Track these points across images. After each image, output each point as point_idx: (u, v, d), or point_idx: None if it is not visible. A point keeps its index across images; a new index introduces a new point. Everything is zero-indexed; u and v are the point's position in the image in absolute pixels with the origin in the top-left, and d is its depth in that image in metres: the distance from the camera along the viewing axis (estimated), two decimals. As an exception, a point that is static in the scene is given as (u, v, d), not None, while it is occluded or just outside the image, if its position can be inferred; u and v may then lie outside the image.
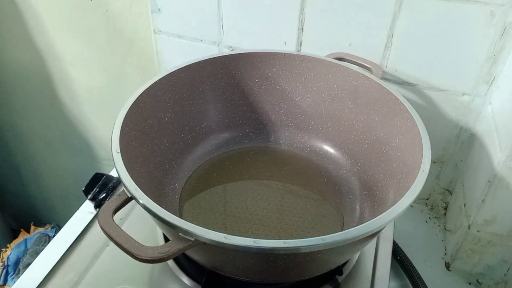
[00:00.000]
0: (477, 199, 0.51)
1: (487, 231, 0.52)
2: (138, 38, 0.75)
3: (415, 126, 0.45)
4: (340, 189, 0.56)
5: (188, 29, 0.67)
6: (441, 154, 0.63)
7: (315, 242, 0.33)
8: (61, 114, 0.96)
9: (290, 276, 0.42)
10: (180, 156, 0.56)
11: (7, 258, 1.10)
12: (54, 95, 0.93)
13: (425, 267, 0.57)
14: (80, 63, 0.85)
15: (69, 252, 0.51)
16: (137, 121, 0.48)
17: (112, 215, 0.36)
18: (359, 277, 0.48)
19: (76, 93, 0.90)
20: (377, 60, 0.58)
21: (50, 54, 0.86)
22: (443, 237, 0.63)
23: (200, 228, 0.34)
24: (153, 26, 0.69)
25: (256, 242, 0.33)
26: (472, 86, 0.56)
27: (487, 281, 0.57)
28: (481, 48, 0.53)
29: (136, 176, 0.39)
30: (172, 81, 0.53)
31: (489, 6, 0.50)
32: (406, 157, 0.47)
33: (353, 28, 0.57)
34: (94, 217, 0.56)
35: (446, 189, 0.66)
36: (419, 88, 0.58)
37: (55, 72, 0.88)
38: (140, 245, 0.34)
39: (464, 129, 0.59)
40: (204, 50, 0.68)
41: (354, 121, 0.56)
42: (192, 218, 0.51)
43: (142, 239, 0.34)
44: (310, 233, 0.50)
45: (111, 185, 0.59)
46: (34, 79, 0.92)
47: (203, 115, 0.58)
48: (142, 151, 0.49)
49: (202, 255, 0.40)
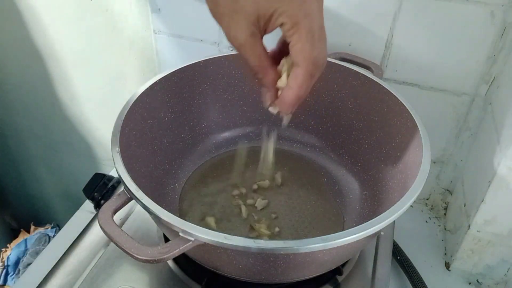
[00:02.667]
0: (477, 199, 0.51)
1: (487, 231, 0.52)
2: (138, 38, 0.75)
3: (415, 126, 0.46)
4: (340, 189, 0.56)
5: (188, 29, 0.67)
6: (441, 154, 0.63)
7: (315, 242, 0.33)
8: (61, 114, 0.95)
9: (290, 276, 0.42)
10: (180, 156, 0.56)
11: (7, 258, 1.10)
12: (54, 95, 0.92)
13: (425, 267, 0.57)
14: (80, 63, 0.85)
15: (69, 252, 0.51)
16: (137, 121, 0.48)
17: (112, 215, 0.37)
18: (359, 277, 0.48)
19: (76, 93, 0.90)
20: (377, 60, 0.58)
21: (50, 54, 0.85)
22: (443, 237, 0.63)
23: (200, 228, 0.34)
24: (153, 26, 0.69)
25: (256, 242, 0.33)
26: (472, 86, 0.56)
27: (487, 281, 0.57)
28: (481, 48, 0.53)
29: (136, 176, 0.39)
30: (172, 81, 0.53)
31: (489, 6, 0.50)
32: (406, 157, 0.47)
33: (353, 28, 0.57)
34: (94, 217, 0.56)
35: (446, 189, 0.66)
36: (419, 88, 0.58)
37: (55, 72, 0.88)
38: (140, 245, 0.34)
39: (464, 129, 0.59)
40: (204, 50, 0.67)
41: (354, 121, 0.56)
42: (192, 218, 0.51)
43: (142, 239, 0.34)
44: (310, 233, 0.50)
45: (111, 185, 0.59)
46: (34, 79, 0.92)
47: (203, 115, 0.58)
48: (142, 151, 0.49)
49: (202, 255, 0.40)
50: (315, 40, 0.33)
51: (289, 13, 0.32)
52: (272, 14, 0.32)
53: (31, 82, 0.93)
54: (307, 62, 0.33)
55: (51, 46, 0.84)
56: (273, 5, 0.32)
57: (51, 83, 0.91)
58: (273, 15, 0.32)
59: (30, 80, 0.93)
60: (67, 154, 1.05)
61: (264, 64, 0.36)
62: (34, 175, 1.17)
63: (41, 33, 0.83)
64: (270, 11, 0.32)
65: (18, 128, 1.06)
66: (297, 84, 0.34)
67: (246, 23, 0.33)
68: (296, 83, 0.34)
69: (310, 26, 0.32)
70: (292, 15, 0.32)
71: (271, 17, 0.32)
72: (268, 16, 0.32)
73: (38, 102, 0.96)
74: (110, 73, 0.83)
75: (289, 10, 0.31)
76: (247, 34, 0.33)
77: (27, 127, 1.05)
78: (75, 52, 0.83)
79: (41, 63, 0.88)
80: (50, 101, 0.94)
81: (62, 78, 0.89)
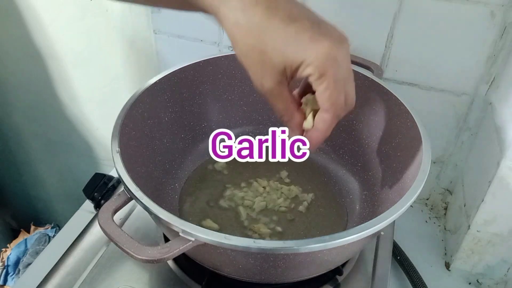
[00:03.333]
0: (477, 199, 0.51)
1: (487, 231, 0.52)
2: (138, 38, 0.75)
3: (415, 126, 0.46)
4: (340, 189, 0.56)
5: (188, 29, 0.67)
6: (441, 154, 0.63)
7: (315, 242, 0.33)
8: (61, 114, 0.95)
9: (290, 276, 0.42)
10: (180, 156, 0.56)
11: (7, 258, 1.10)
12: (54, 95, 0.92)
13: (425, 267, 0.57)
14: (80, 63, 0.85)
15: (69, 252, 0.51)
16: (137, 121, 0.48)
17: (112, 215, 0.37)
18: (359, 277, 0.48)
19: (76, 93, 0.90)
20: (377, 60, 0.58)
21: (50, 54, 0.85)
22: (443, 237, 0.63)
23: (200, 228, 0.34)
24: (153, 26, 0.69)
25: (256, 242, 0.33)
26: (472, 86, 0.56)
27: (487, 281, 0.57)
28: (481, 48, 0.53)
29: (136, 176, 0.39)
30: (172, 81, 0.53)
31: (489, 6, 0.50)
32: (406, 157, 0.47)
33: (353, 28, 0.57)
34: (94, 217, 0.56)
35: (446, 189, 0.66)
36: (419, 88, 0.58)
37: (55, 72, 0.88)
38: (140, 245, 0.34)
39: (464, 129, 0.59)
40: (204, 50, 0.67)
41: (354, 121, 0.56)
42: (192, 218, 0.51)
43: (142, 239, 0.34)
44: (310, 233, 0.50)
45: (111, 185, 0.59)
46: (34, 79, 0.92)
47: (203, 115, 0.58)
48: (142, 151, 0.49)
49: (202, 255, 0.40)
50: (342, 87, 0.33)
51: (315, 64, 0.32)
52: (299, 66, 0.32)
53: (31, 82, 0.93)
54: (334, 107, 0.34)
55: (51, 46, 0.84)
56: (300, 57, 0.32)
57: (51, 83, 0.91)
58: (300, 67, 0.32)
59: (30, 80, 0.93)
60: (67, 154, 1.05)
61: (290, 109, 0.36)
62: (34, 175, 1.17)
63: (41, 33, 0.83)
64: (297, 63, 0.32)
65: (18, 128, 1.06)
66: (325, 128, 0.35)
67: (273, 73, 0.33)
68: (324, 126, 0.35)
69: (337, 75, 0.32)
70: (318, 66, 0.32)
71: (298, 68, 0.32)
72: (295, 68, 0.32)
73: (38, 102, 0.97)
74: (110, 73, 0.83)
75: (315, 62, 0.32)
76: (274, 82, 0.34)
77: (27, 127, 1.05)
78: (75, 52, 0.84)
79: (41, 63, 0.88)
80: (50, 101, 0.94)
81: (62, 78, 0.89)
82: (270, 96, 0.35)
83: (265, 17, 0.32)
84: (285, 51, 0.32)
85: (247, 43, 0.33)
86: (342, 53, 0.32)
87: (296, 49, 0.32)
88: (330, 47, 0.31)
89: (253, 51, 0.33)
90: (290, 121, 0.37)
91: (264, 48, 0.32)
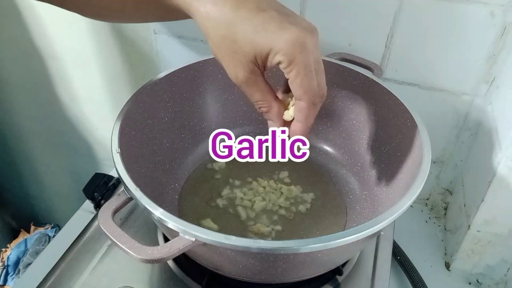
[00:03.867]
0: (477, 199, 0.51)
1: (487, 231, 0.52)
2: (138, 38, 0.75)
3: (415, 126, 0.46)
4: (340, 189, 0.56)
5: (188, 29, 0.67)
6: (441, 154, 0.63)
7: (315, 242, 0.33)
8: (61, 114, 0.95)
9: (290, 276, 0.42)
10: (180, 156, 0.56)
11: (7, 258, 1.10)
12: (54, 95, 0.92)
13: (425, 267, 0.57)
14: (80, 63, 0.85)
15: (69, 252, 0.51)
16: (137, 121, 0.48)
17: (112, 215, 0.37)
18: (359, 277, 0.48)
19: (76, 93, 0.90)
20: (377, 60, 0.58)
21: (50, 54, 0.85)
22: (443, 237, 0.63)
23: (200, 228, 0.34)
24: (153, 26, 0.69)
25: (256, 242, 0.33)
26: (472, 86, 0.56)
27: (487, 281, 0.57)
28: (481, 48, 0.53)
29: (136, 176, 0.39)
30: (172, 81, 0.53)
31: (489, 6, 0.50)
32: (406, 157, 0.47)
33: (353, 28, 0.57)
34: (94, 217, 0.56)
35: (446, 189, 0.66)
36: (419, 88, 0.58)
37: (55, 72, 0.88)
38: (140, 245, 0.34)
39: (464, 129, 0.59)
40: (204, 50, 0.67)
41: (354, 121, 0.56)
42: (192, 218, 0.51)
43: (142, 239, 0.34)
44: (310, 233, 0.50)
45: (111, 185, 0.59)
46: (34, 79, 0.92)
47: (203, 115, 0.58)
48: (142, 151, 0.49)
49: (202, 255, 0.40)
50: (313, 73, 0.34)
51: (284, 52, 0.33)
52: (269, 53, 0.33)
53: (31, 82, 0.93)
54: (307, 95, 0.35)
55: (51, 46, 0.84)
56: (269, 44, 0.33)
57: (51, 83, 0.91)
58: (269, 54, 0.33)
59: (30, 80, 0.93)
60: (67, 154, 1.05)
61: (267, 98, 0.37)
62: (34, 175, 1.17)
63: (41, 33, 0.83)
64: (266, 50, 0.33)
65: (18, 128, 1.06)
66: (303, 117, 0.36)
67: (245, 62, 0.34)
68: (302, 116, 0.36)
69: (306, 61, 0.33)
70: (287, 53, 0.33)
71: (268, 56, 0.33)
72: (265, 55, 0.33)
73: (38, 102, 0.96)
74: (110, 73, 0.83)
75: (284, 49, 0.32)
76: (247, 71, 0.35)
77: (27, 127, 1.05)
78: (75, 52, 0.83)
79: (41, 63, 0.88)
80: (50, 101, 0.94)
81: (62, 78, 0.89)
82: (245, 86, 0.36)
83: (234, 8, 0.33)
84: (254, 39, 0.33)
85: (218, 34, 0.34)
86: (311, 40, 0.33)
87: (264, 36, 0.33)
88: (298, 34, 0.32)
89: (224, 41, 0.34)
90: (269, 111, 0.38)
91: (234, 37, 0.33)
